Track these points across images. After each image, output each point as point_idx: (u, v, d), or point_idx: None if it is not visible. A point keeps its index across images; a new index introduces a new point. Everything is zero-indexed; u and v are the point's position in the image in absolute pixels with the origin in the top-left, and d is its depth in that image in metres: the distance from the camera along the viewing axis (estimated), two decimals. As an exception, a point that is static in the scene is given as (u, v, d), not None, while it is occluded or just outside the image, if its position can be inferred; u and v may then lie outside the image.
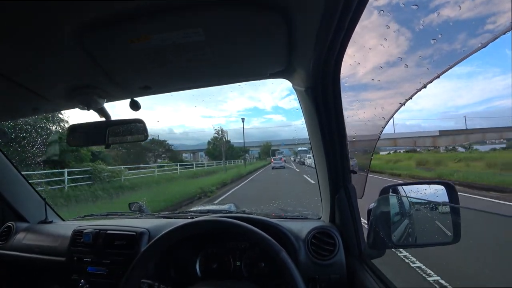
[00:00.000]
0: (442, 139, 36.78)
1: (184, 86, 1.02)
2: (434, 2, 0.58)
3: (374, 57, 0.79)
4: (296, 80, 0.95)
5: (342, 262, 0.97)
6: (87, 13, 0.56)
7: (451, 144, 34.99)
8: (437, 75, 0.60)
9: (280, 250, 0.77)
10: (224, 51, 0.74)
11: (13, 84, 0.83)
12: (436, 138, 37.12)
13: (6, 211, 1.45)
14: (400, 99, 0.78)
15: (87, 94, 0.93)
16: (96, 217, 1.58)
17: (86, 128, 1.09)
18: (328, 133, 0.95)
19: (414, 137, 38.70)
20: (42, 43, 0.65)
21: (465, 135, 36.89)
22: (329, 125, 0.93)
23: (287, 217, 1.26)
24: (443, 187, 0.91)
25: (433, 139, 37.13)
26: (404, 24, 0.66)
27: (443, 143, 35.99)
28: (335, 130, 0.93)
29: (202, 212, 1.52)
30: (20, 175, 1.48)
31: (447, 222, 0.87)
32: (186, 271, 1.06)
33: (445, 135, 37.50)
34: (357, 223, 1.00)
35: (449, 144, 35.08)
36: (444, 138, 36.83)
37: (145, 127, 1.08)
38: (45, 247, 1.28)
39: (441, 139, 36.85)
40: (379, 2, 0.62)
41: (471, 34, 0.55)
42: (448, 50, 0.61)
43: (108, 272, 1.09)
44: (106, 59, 0.75)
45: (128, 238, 1.12)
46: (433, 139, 37.13)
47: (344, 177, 1.00)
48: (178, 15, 0.58)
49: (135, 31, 0.62)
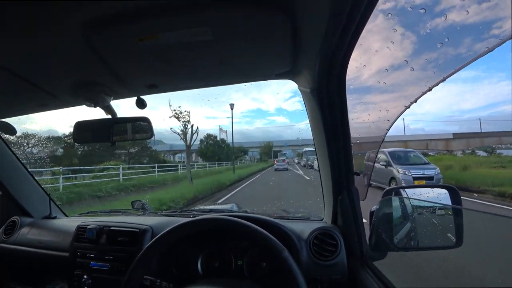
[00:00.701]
0: (456, 142, 34.55)
1: (190, 85, 1.03)
2: (440, 6, 0.58)
3: (380, 60, 0.79)
4: (302, 81, 0.96)
5: (343, 263, 0.98)
6: (95, 11, 0.57)
7: (464, 147, 32.59)
8: (442, 78, 0.60)
9: (283, 249, 0.78)
10: (231, 50, 0.75)
11: (21, 80, 0.84)
12: (450, 141, 35.16)
13: (11, 206, 1.47)
14: (405, 102, 0.78)
15: (94, 91, 0.94)
16: (99, 213, 1.59)
17: (91, 125, 1.10)
18: (333, 135, 0.95)
19: (427, 139, 36.99)
20: (51, 40, 0.66)
21: (480, 138, 34.61)
22: (334, 127, 0.93)
23: (289, 218, 1.27)
24: (446, 191, 0.91)
25: (446, 142, 35.36)
26: (410, 27, 0.66)
27: (457, 146, 33.72)
28: (339, 131, 0.93)
29: (204, 211, 1.53)
30: (26, 171, 1.50)
31: (450, 226, 0.87)
32: (188, 269, 1.07)
33: (459, 138, 35.19)
34: (359, 225, 1.00)
35: (463, 147, 32.72)
36: (458, 141, 34.53)
37: (150, 126, 1.09)
38: (49, 242, 1.29)
39: (454, 142, 34.67)
40: (386, 5, 0.62)
41: (477, 39, 0.56)
42: (454, 54, 0.62)
43: (111, 268, 1.10)
44: (113, 57, 0.76)
45: (131, 235, 1.13)
46: (446, 142, 35.36)
47: (347, 178, 1.00)
48: (186, 14, 0.59)
49: (143, 29, 0.63)
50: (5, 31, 0.61)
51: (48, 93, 0.96)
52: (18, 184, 1.46)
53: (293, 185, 12.17)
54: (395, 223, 0.92)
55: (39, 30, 0.62)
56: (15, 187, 1.45)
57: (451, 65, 0.60)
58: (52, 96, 0.99)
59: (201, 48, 0.71)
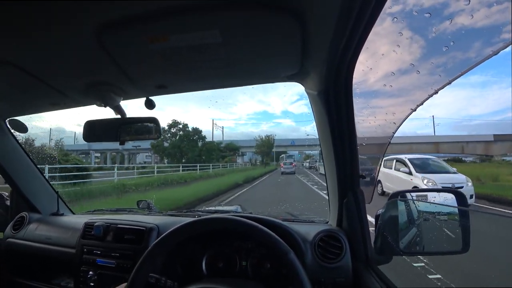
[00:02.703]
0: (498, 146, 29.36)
1: (199, 86, 1.04)
2: (449, 10, 0.59)
3: (387, 64, 0.80)
4: (309, 84, 0.97)
5: (348, 266, 0.97)
6: (107, 12, 0.59)
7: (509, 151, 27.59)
8: (448, 82, 0.60)
9: (289, 251, 0.78)
10: (239, 53, 0.76)
11: (34, 79, 0.86)
12: (490, 144, 30.00)
13: (20, 202, 1.51)
14: (411, 105, 0.78)
15: (105, 91, 0.96)
16: (106, 212, 1.61)
17: (101, 124, 1.12)
18: (339, 137, 0.95)
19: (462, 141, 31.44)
20: (63, 40, 0.68)
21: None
22: (340, 129, 0.93)
23: (294, 220, 1.27)
24: (452, 195, 0.90)
25: (486, 145, 30.16)
26: (418, 31, 0.67)
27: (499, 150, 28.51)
28: (345, 134, 0.93)
29: (210, 211, 1.54)
30: (36, 168, 1.53)
31: (457, 230, 0.86)
32: (192, 268, 1.08)
33: (501, 140, 29.47)
34: (365, 228, 1.00)
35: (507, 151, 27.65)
36: (500, 145, 29.20)
37: (158, 126, 1.10)
38: (56, 238, 1.32)
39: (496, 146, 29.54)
40: (393, 9, 0.63)
41: (486, 43, 0.56)
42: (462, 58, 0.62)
43: (117, 265, 1.11)
44: (124, 58, 0.78)
45: (137, 233, 1.14)
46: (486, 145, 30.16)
47: (353, 181, 1.00)
48: (196, 16, 0.60)
49: (154, 31, 0.65)
50: (21, 31, 0.63)
51: (60, 92, 0.98)
52: (28, 181, 1.50)
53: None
54: (400, 227, 0.92)
55: (55, 30, 0.64)
56: (25, 184, 1.48)
57: (458, 68, 0.60)
58: (63, 95, 1.01)
59: (210, 50, 0.73)
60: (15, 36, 0.65)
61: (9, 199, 1.57)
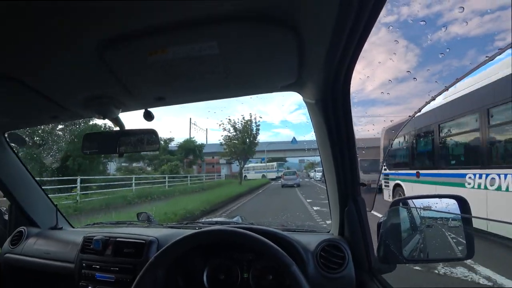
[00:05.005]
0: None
1: (197, 97, 1.05)
2: (442, 20, 0.60)
3: (383, 72, 0.81)
4: (307, 93, 0.97)
5: (351, 276, 0.95)
6: (108, 28, 0.60)
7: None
8: (445, 88, 0.61)
9: (292, 263, 0.76)
10: (237, 64, 0.77)
11: (33, 93, 0.87)
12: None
13: (19, 216, 1.49)
14: (409, 112, 0.79)
15: (104, 104, 0.97)
16: (105, 225, 1.59)
17: (100, 136, 1.12)
18: (338, 145, 0.95)
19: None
20: (64, 55, 0.68)
21: None
22: (339, 137, 0.94)
23: (295, 230, 1.25)
24: (455, 201, 0.90)
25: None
26: (413, 39, 0.68)
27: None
28: (344, 142, 0.93)
29: (210, 223, 1.53)
30: (34, 181, 1.52)
31: (460, 237, 0.85)
32: (193, 281, 1.06)
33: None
34: (367, 236, 0.99)
35: None
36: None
37: (157, 138, 1.11)
38: (54, 252, 1.30)
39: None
40: (388, 19, 0.64)
41: (480, 50, 0.57)
42: (457, 66, 0.63)
43: (116, 280, 1.09)
44: (124, 71, 0.79)
45: (137, 246, 1.13)
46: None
47: (354, 189, 0.99)
48: (194, 29, 0.61)
49: (154, 44, 0.66)
50: (21, 45, 0.64)
51: (60, 106, 0.99)
52: (26, 194, 1.48)
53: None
54: (403, 235, 0.90)
55: (55, 45, 0.64)
56: (23, 198, 1.47)
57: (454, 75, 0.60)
58: (63, 109, 1.01)
59: (208, 62, 0.74)
60: (15, 50, 0.66)
61: (8, 213, 1.55)
